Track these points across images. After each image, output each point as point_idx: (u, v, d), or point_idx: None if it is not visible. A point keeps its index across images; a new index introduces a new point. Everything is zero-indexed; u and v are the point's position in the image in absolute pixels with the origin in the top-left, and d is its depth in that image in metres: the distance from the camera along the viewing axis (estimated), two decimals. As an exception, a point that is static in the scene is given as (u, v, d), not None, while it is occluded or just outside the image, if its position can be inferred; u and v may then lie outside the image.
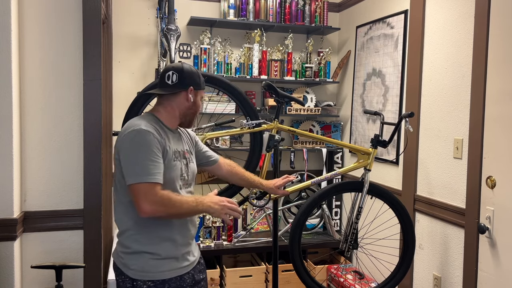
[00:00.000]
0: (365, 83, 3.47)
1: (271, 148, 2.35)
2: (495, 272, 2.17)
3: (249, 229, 3.61)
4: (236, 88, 2.38)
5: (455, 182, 2.47)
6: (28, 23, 2.20)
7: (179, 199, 1.60)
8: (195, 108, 1.78)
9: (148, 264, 1.63)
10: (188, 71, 1.75)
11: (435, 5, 2.65)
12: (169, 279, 1.66)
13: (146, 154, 1.57)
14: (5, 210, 2.09)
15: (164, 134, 1.68)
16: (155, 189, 1.55)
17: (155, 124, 1.68)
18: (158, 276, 1.64)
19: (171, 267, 1.67)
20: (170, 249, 1.68)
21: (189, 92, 1.74)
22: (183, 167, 1.74)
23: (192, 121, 1.82)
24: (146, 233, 1.65)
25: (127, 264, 1.65)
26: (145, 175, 1.54)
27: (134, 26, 3.44)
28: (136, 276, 1.63)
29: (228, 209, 1.70)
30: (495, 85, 2.18)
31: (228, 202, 1.71)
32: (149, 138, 1.59)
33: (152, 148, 1.58)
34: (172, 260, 1.68)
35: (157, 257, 1.65)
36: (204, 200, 1.67)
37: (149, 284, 1.63)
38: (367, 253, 2.83)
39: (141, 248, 1.64)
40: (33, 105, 2.22)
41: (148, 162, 1.56)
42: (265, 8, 3.57)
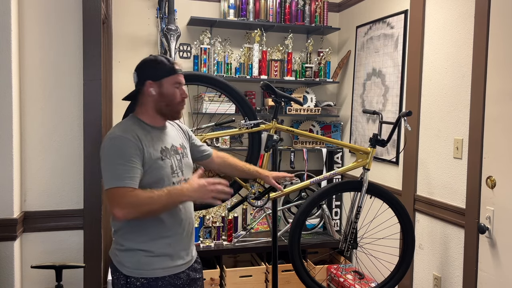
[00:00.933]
0: (365, 83, 3.47)
1: (270, 148, 2.35)
2: (495, 272, 2.17)
3: (249, 229, 3.61)
4: (234, 88, 2.38)
5: (455, 182, 2.47)
6: (28, 23, 2.20)
7: (148, 196, 1.54)
8: (166, 99, 1.69)
9: (141, 261, 1.64)
10: (144, 64, 1.70)
11: (435, 5, 2.65)
12: (162, 277, 1.66)
13: (118, 159, 1.57)
14: (5, 210, 2.09)
15: (146, 135, 1.66)
16: (124, 193, 1.53)
17: (135, 127, 1.66)
18: (151, 273, 1.64)
19: (164, 265, 1.67)
20: (163, 247, 1.67)
21: (148, 86, 1.67)
22: (176, 163, 1.72)
23: (173, 112, 1.73)
24: (138, 231, 1.65)
25: (121, 261, 1.67)
26: (115, 180, 1.55)
27: (134, 26, 3.44)
28: (129, 273, 1.64)
29: (212, 191, 1.61)
30: (495, 85, 2.18)
31: (210, 184, 1.62)
32: (122, 143, 1.59)
33: (124, 153, 1.57)
34: (165, 258, 1.67)
35: (150, 255, 1.65)
36: (182, 190, 1.59)
37: (142, 281, 1.63)
38: (367, 253, 2.83)
39: (134, 246, 1.65)
40: (33, 105, 2.22)
41: (119, 167, 1.56)
42: (265, 8, 3.57)
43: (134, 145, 1.59)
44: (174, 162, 1.72)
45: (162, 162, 1.66)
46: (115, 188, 1.54)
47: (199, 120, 3.35)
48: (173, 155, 1.73)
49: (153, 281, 1.64)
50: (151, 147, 1.65)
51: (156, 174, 1.64)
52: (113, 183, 1.55)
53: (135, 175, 1.57)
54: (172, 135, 1.80)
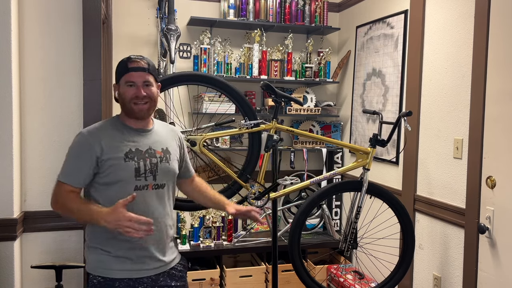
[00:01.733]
0: (365, 83, 3.47)
1: (270, 148, 2.35)
2: (495, 272, 2.17)
3: (249, 229, 3.61)
4: (234, 88, 2.38)
5: (455, 182, 2.47)
6: (28, 23, 2.20)
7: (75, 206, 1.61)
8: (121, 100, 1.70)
9: (98, 259, 1.66)
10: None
11: (435, 5, 2.65)
12: (120, 279, 1.64)
13: (71, 156, 1.67)
14: (5, 210, 2.09)
15: (115, 136, 1.67)
16: (63, 190, 1.63)
17: (107, 127, 1.70)
18: (107, 273, 1.64)
19: (122, 267, 1.65)
20: (121, 250, 1.65)
21: (114, 89, 1.73)
22: (145, 166, 1.67)
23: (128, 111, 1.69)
24: (96, 231, 1.67)
25: (86, 257, 1.71)
26: (62, 175, 1.66)
27: (134, 26, 3.44)
28: (89, 270, 1.67)
29: (125, 226, 1.50)
30: (495, 85, 2.18)
31: (125, 219, 1.50)
32: (80, 141, 1.66)
33: (77, 151, 1.65)
34: (124, 260, 1.65)
35: (107, 254, 1.65)
36: (99, 215, 1.54)
37: (99, 279, 1.64)
38: (367, 253, 2.83)
39: (94, 244, 1.68)
40: (33, 105, 2.22)
41: (69, 163, 1.66)
42: (265, 8, 3.57)
43: (89, 146, 1.63)
44: (144, 165, 1.67)
45: (124, 163, 1.64)
46: (59, 182, 1.65)
47: (199, 120, 3.35)
48: (146, 158, 1.68)
49: (109, 280, 1.63)
50: (115, 148, 1.64)
51: (115, 175, 1.63)
52: (60, 177, 1.65)
53: (80, 175, 1.64)
54: (156, 139, 1.75)
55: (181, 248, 3.24)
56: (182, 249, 3.25)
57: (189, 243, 3.34)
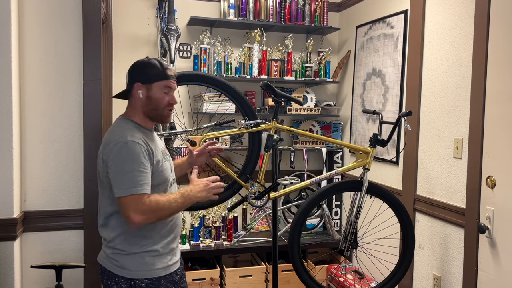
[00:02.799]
0: (365, 83, 3.47)
1: (270, 148, 2.35)
2: (495, 272, 2.17)
3: (249, 229, 3.61)
4: (233, 88, 2.38)
5: (455, 182, 2.47)
6: (28, 23, 2.20)
7: (167, 200, 1.61)
8: (153, 103, 1.67)
9: (145, 262, 1.66)
10: (137, 66, 1.68)
11: (435, 5, 2.65)
12: (164, 276, 1.70)
13: (134, 166, 1.57)
14: (5, 210, 2.09)
15: (149, 138, 1.69)
16: (143, 199, 1.56)
17: (138, 131, 1.66)
18: (154, 273, 1.68)
19: (164, 264, 1.71)
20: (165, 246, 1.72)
21: (136, 88, 1.66)
22: (170, 164, 1.79)
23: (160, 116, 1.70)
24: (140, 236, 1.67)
25: (123, 265, 1.66)
26: (133, 187, 1.55)
27: (134, 26, 3.44)
28: (133, 275, 1.65)
29: (212, 188, 1.74)
30: (495, 85, 2.18)
31: (209, 182, 1.74)
32: (136, 148, 1.59)
33: (139, 159, 1.58)
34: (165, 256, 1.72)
35: (154, 254, 1.68)
36: (190, 193, 1.68)
37: (146, 282, 1.66)
38: (367, 253, 2.83)
39: (138, 249, 1.66)
40: (33, 105, 2.22)
41: (136, 173, 1.57)
42: (265, 8, 3.57)
43: (145, 149, 1.61)
44: (170, 163, 1.78)
45: (164, 164, 1.70)
46: (133, 195, 1.55)
47: (199, 120, 3.35)
48: (168, 158, 1.79)
49: (156, 280, 1.67)
50: (155, 150, 1.67)
51: (160, 177, 1.67)
52: (131, 190, 1.55)
53: (149, 181, 1.60)
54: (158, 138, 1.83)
55: (181, 248, 3.24)
56: (182, 249, 3.25)
57: (189, 243, 3.34)
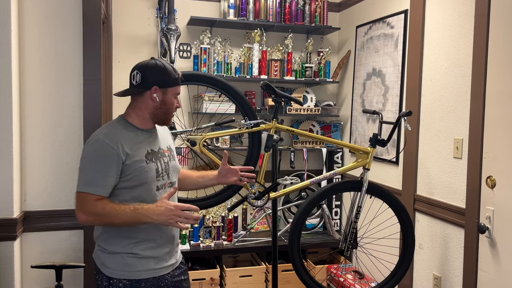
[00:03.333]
0: (365, 83, 3.47)
1: (270, 148, 2.35)
2: (495, 272, 2.17)
3: (249, 229, 3.61)
4: (234, 88, 2.38)
5: (455, 182, 2.47)
6: (28, 23, 2.20)
7: (113, 209, 1.56)
8: (165, 107, 1.70)
9: (124, 262, 1.65)
10: (153, 68, 1.67)
11: (435, 5, 2.65)
12: (146, 279, 1.66)
13: (94, 165, 1.58)
14: (5, 210, 2.09)
15: (132, 139, 1.65)
16: (91, 200, 1.56)
17: (122, 130, 1.66)
18: (134, 275, 1.65)
19: (148, 267, 1.67)
20: (148, 250, 1.68)
21: (153, 91, 1.66)
22: (162, 167, 1.71)
23: (167, 119, 1.75)
24: (122, 236, 1.65)
25: (104, 263, 1.67)
26: (86, 185, 1.57)
27: (134, 26, 3.44)
28: (112, 274, 1.65)
29: (177, 216, 1.58)
30: (495, 85, 2.18)
31: (177, 209, 1.58)
32: (103, 149, 1.58)
33: (102, 159, 1.58)
34: (150, 260, 1.68)
35: (135, 256, 1.65)
36: (147, 212, 1.57)
37: (125, 282, 1.64)
38: (367, 253, 2.83)
39: (119, 249, 1.66)
40: (33, 105, 2.22)
41: (93, 173, 1.57)
42: (265, 8, 3.57)
43: (114, 153, 1.59)
44: (160, 165, 1.71)
45: (147, 165, 1.65)
46: (83, 193, 1.57)
47: (199, 120, 3.35)
48: (160, 158, 1.72)
49: (135, 282, 1.64)
50: (136, 151, 1.64)
51: (139, 178, 1.63)
52: (84, 188, 1.57)
53: (108, 184, 1.59)
54: (160, 138, 1.80)
55: (181, 248, 3.23)
56: (182, 249, 3.25)
57: (189, 243, 3.34)
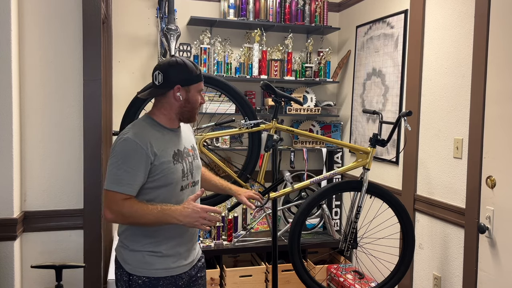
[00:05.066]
0: (365, 83, 3.47)
1: (270, 148, 2.35)
2: (495, 272, 2.17)
3: (249, 229, 3.61)
4: (233, 88, 2.38)
5: (455, 182, 2.47)
6: (28, 23, 2.20)
7: (141, 209, 1.56)
8: (190, 105, 1.70)
9: (144, 260, 1.66)
10: (174, 67, 1.66)
11: (435, 5, 2.65)
12: (164, 277, 1.67)
13: (123, 164, 1.57)
14: (5, 210, 2.09)
15: (159, 139, 1.65)
16: (119, 199, 1.57)
17: (150, 130, 1.65)
18: (153, 273, 1.66)
19: (166, 266, 1.68)
20: (169, 248, 1.69)
21: (176, 91, 1.66)
22: (187, 167, 1.72)
23: (192, 117, 1.74)
24: (144, 235, 1.66)
25: (125, 259, 1.68)
26: (115, 184, 1.57)
27: (134, 26, 3.44)
28: (132, 271, 1.66)
29: (203, 218, 1.60)
30: (495, 85, 2.18)
31: (203, 211, 1.60)
32: (132, 147, 1.58)
33: (131, 158, 1.57)
34: (169, 259, 1.68)
35: (155, 255, 1.66)
36: (174, 213, 1.58)
37: (144, 279, 1.65)
38: (367, 253, 2.83)
39: (139, 248, 1.66)
40: (33, 105, 2.22)
41: (121, 171, 1.57)
42: (265, 8, 3.57)
43: (144, 153, 1.58)
44: (186, 165, 1.71)
45: (174, 166, 1.66)
46: (111, 191, 1.57)
47: (199, 120, 3.35)
48: (185, 158, 1.73)
49: (154, 280, 1.66)
50: (164, 152, 1.64)
51: (166, 179, 1.64)
52: (113, 186, 1.57)
53: (135, 183, 1.59)
54: (185, 137, 1.79)
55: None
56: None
57: (189, 243, 3.34)
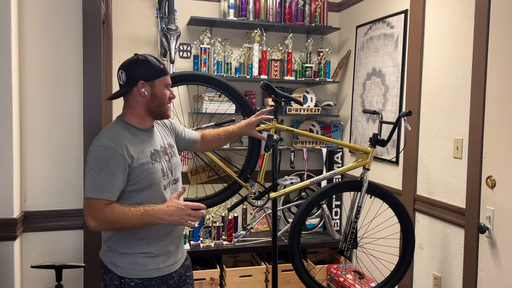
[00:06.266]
0: (365, 83, 3.47)
1: (270, 148, 2.35)
2: (495, 272, 2.17)
3: (249, 229, 3.61)
4: (233, 88, 2.38)
5: (455, 182, 2.47)
6: (28, 23, 2.20)
7: (123, 213, 1.54)
8: (157, 100, 1.67)
9: (136, 262, 1.65)
10: (135, 63, 1.65)
11: (435, 5, 2.65)
12: (156, 277, 1.67)
13: (101, 170, 1.55)
14: (5, 210, 2.09)
15: (134, 141, 1.64)
16: (100, 205, 1.54)
17: (124, 133, 1.64)
18: (145, 274, 1.66)
19: (158, 266, 1.68)
20: (160, 248, 1.69)
21: (140, 86, 1.64)
22: (166, 165, 1.71)
23: (162, 112, 1.71)
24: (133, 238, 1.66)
25: (114, 262, 1.67)
26: (94, 191, 1.55)
27: (134, 26, 3.44)
28: (123, 274, 1.65)
29: (188, 215, 1.59)
30: (495, 85, 2.18)
31: (187, 208, 1.59)
32: (108, 154, 1.56)
33: (108, 164, 1.56)
34: (160, 258, 1.69)
35: (146, 256, 1.66)
36: (158, 213, 1.57)
37: (136, 281, 1.64)
38: (367, 253, 2.83)
39: (130, 251, 1.66)
40: (33, 105, 2.22)
41: (100, 178, 1.55)
42: (265, 8, 3.57)
43: (120, 157, 1.57)
44: (164, 164, 1.71)
45: (152, 167, 1.64)
46: (92, 199, 1.55)
47: (199, 120, 3.35)
48: (163, 157, 1.72)
49: (147, 281, 1.65)
50: (141, 153, 1.63)
51: (147, 180, 1.63)
52: (92, 193, 1.55)
53: (115, 188, 1.57)
54: (159, 135, 1.78)
55: (181, 248, 3.24)
56: (182, 249, 3.24)
57: (189, 243, 3.34)
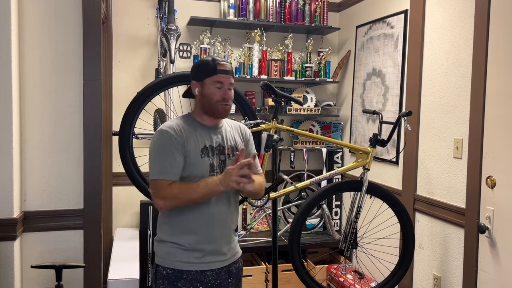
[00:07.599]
0: (365, 83, 3.47)
1: (270, 148, 2.35)
2: (495, 272, 2.17)
3: (249, 229, 3.61)
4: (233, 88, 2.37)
5: (455, 182, 2.47)
6: (28, 23, 2.20)
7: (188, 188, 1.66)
8: (206, 99, 1.75)
9: (169, 251, 1.72)
10: (195, 66, 1.80)
11: (435, 5, 2.65)
12: (188, 271, 1.70)
13: (161, 153, 1.69)
14: (5, 210, 2.09)
15: (192, 132, 1.73)
16: (165, 185, 1.66)
17: (183, 123, 1.75)
18: (176, 265, 1.71)
19: (190, 260, 1.71)
20: (192, 243, 1.72)
21: (194, 87, 1.79)
22: (217, 163, 1.75)
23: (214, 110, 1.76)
24: (169, 223, 1.74)
25: (156, 250, 1.78)
26: (158, 173, 1.68)
27: (134, 26, 3.44)
28: (159, 262, 1.74)
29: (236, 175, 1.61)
30: (495, 85, 2.18)
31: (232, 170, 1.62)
32: (166, 137, 1.69)
33: (166, 147, 1.68)
34: (193, 253, 1.71)
35: (178, 247, 1.72)
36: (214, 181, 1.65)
37: (168, 271, 1.71)
38: (367, 253, 2.83)
39: (165, 237, 1.74)
40: (33, 105, 2.22)
41: (161, 161, 1.68)
42: (265, 8, 3.57)
43: (176, 141, 1.68)
44: (215, 161, 1.75)
45: (200, 159, 1.72)
46: (157, 180, 1.67)
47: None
48: (217, 155, 1.76)
49: (178, 272, 1.70)
50: (194, 144, 1.72)
51: (192, 170, 1.70)
52: (158, 175, 1.68)
53: (177, 168, 1.68)
54: (224, 136, 1.82)
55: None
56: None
57: (189, 243, 3.34)
